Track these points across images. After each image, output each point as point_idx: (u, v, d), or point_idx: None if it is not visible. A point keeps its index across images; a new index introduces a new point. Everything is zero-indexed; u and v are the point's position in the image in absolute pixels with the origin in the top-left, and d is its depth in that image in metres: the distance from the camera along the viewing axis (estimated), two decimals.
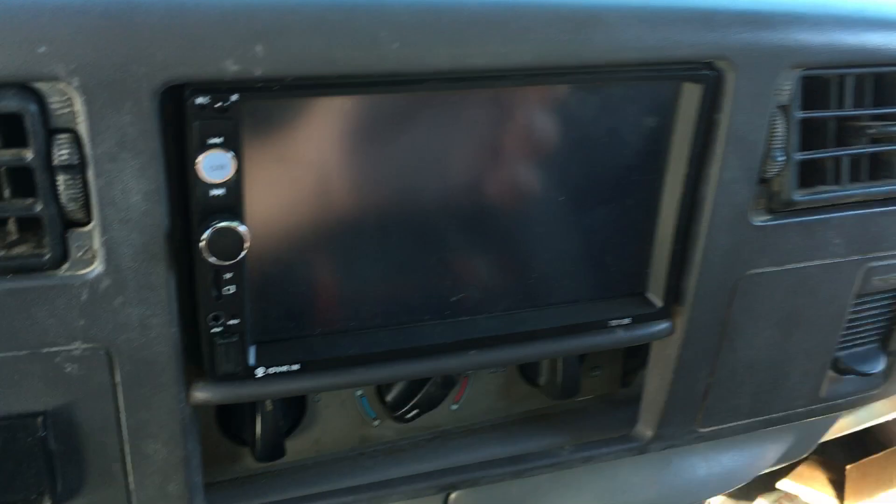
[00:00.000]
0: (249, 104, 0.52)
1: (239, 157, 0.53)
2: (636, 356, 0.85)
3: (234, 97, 0.52)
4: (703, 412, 0.80)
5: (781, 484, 1.63)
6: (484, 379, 0.82)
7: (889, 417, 1.21)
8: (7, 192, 0.52)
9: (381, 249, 0.62)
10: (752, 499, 1.68)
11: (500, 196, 0.63)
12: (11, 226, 0.53)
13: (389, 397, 0.76)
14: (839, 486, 1.59)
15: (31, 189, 0.51)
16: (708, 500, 1.66)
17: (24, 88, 0.49)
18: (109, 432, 0.60)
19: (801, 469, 1.63)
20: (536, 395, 0.83)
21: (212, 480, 0.71)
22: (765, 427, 0.85)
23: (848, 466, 1.59)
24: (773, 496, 1.67)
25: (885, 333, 0.86)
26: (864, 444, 1.60)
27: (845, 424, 1.18)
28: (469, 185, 0.62)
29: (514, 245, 0.66)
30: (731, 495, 1.70)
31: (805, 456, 1.09)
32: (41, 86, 0.49)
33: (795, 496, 1.64)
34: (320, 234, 0.60)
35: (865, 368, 0.84)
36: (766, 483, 1.67)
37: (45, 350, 0.55)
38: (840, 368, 0.84)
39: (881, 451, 1.58)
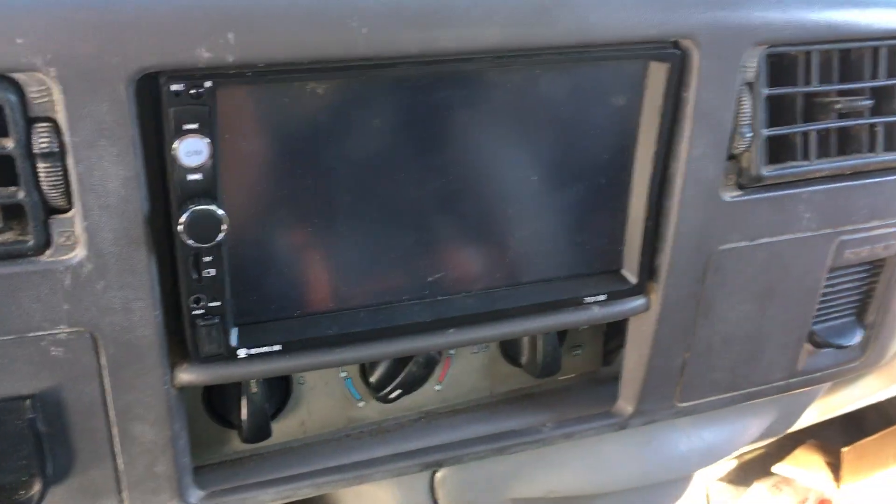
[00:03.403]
0: (223, 90, 0.54)
1: (214, 142, 0.55)
2: (617, 335, 0.86)
3: (208, 84, 0.53)
4: (681, 387, 0.81)
5: (777, 468, 1.64)
6: (467, 359, 0.83)
7: (885, 397, 1.21)
8: None
9: (358, 231, 0.63)
10: (749, 483, 1.69)
11: (474, 177, 0.65)
12: None
13: (373, 378, 0.77)
14: (835, 468, 1.60)
15: (12, 178, 0.53)
16: (706, 485, 1.68)
17: (3, 79, 0.50)
18: (97, 414, 0.62)
19: (797, 453, 1.65)
20: (519, 374, 0.84)
21: (200, 462, 0.73)
22: (744, 401, 0.86)
23: (844, 449, 1.60)
24: (769, 480, 1.69)
25: (861, 306, 0.87)
26: (861, 426, 1.61)
27: (839, 403, 1.18)
28: (442, 166, 0.63)
29: (490, 225, 0.67)
30: (729, 480, 1.71)
31: (790, 432, 1.11)
32: (19, 76, 0.51)
33: (792, 479, 1.65)
34: (297, 217, 0.61)
35: (842, 341, 0.85)
36: (762, 467, 1.68)
37: (31, 334, 0.57)
38: (816, 342, 0.85)
39: (878, 432, 1.59)
